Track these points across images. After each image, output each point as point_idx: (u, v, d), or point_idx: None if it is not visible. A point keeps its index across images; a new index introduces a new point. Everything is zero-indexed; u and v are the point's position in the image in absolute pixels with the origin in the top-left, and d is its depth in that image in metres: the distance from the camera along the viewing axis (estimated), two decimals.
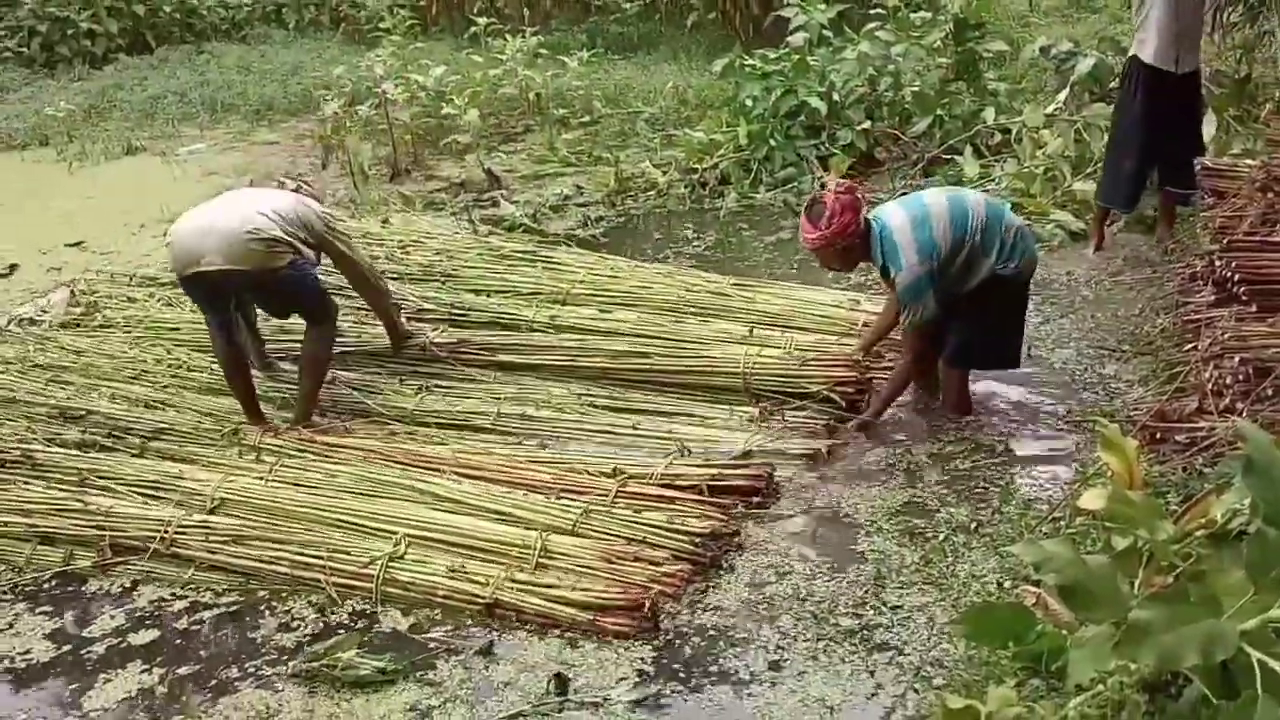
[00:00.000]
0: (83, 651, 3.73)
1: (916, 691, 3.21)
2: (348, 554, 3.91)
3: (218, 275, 4.55)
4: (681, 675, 3.38)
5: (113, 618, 3.90)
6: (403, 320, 5.44)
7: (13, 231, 8.51)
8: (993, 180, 7.11)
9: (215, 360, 4.96)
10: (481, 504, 4.11)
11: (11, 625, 3.88)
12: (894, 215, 4.41)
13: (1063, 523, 3.78)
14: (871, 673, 3.31)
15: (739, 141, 8.07)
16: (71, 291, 6.64)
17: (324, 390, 5.03)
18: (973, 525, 3.95)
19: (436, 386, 5.17)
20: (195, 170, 9.87)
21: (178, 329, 5.82)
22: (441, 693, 3.35)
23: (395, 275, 5.92)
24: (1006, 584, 3.59)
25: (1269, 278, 3.16)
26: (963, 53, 7.97)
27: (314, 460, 4.50)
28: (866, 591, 3.67)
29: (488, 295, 5.87)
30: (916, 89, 8.02)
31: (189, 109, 12.32)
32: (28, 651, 3.74)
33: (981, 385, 4.89)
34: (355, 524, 4.05)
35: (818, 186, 6.84)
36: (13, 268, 7.65)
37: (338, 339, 5.13)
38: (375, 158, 9.23)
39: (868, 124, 7.92)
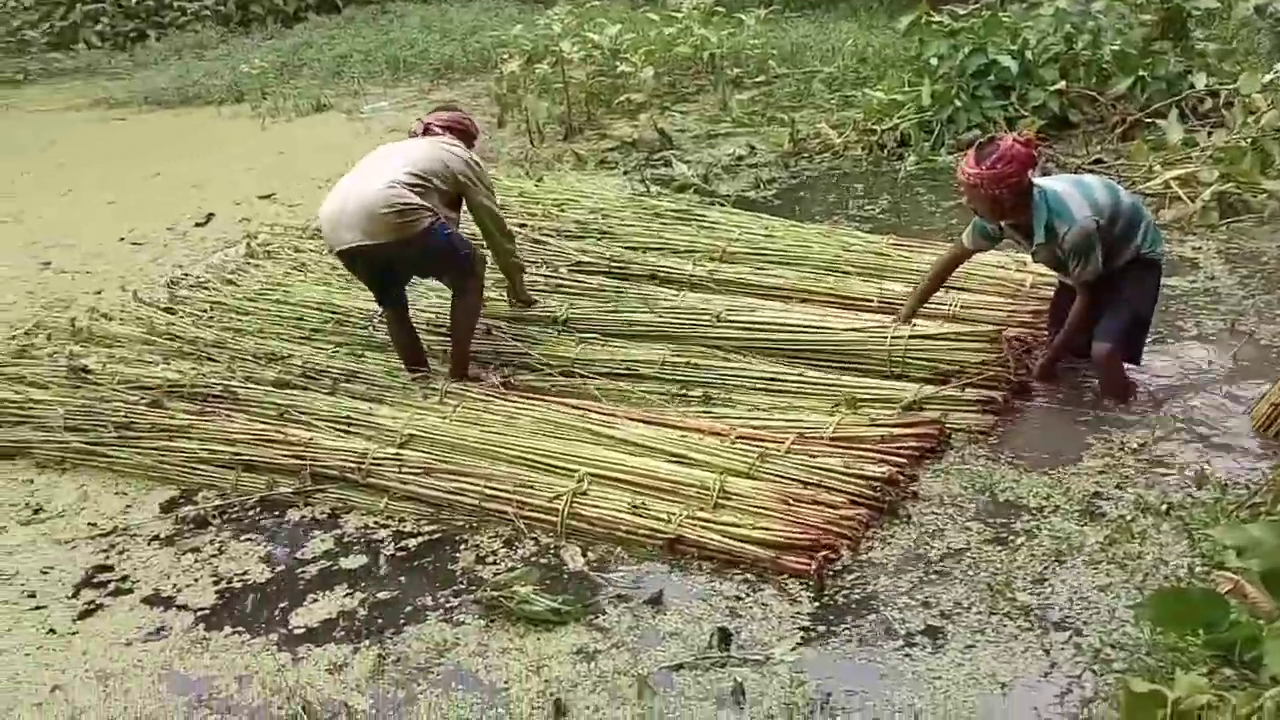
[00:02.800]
0: (297, 572, 3.95)
1: (1095, 673, 3.09)
2: (532, 488, 4.03)
3: (357, 250, 4.67)
4: (845, 634, 3.36)
5: (322, 542, 4.11)
6: (524, 283, 5.46)
7: (211, 183, 9.00)
8: (1197, 148, 6.73)
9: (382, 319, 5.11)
10: (659, 446, 4.18)
11: (222, 550, 4.12)
12: (1055, 182, 4.48)
13: (1263, 508, 3.58)
14: (1046, 651, 3.20)
15: (921, 102, 7.88)
16: (249, 244, 6.99)
17: (486, 342, 5.17)
18: (1163, 507, 3.76)
19: (596, 336, 5.20)
20: (378, 127, 10.22)
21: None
22: (608, 638, 3.42)
23: (551, 232, 6.01)
24: (1198, 569, 3.43)
25: None
26: (1169, 9, 7.54)
27: (495, 404, 4.63)
28: (1045, 568, 3.55)
29: (643, 252, 5.92)
30: (1117, 48, 7.65)
31: (373, 67, 12.77)
32: (245, 573, 3.97)
33: (1169, 363, 4.68)
34: (538, 461, 4.16)
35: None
36: (209, 217, 8.10)
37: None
38: (550, 116, 9.37)
39: (1062, 84, 7.61)
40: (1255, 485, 3.76)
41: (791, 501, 3.80)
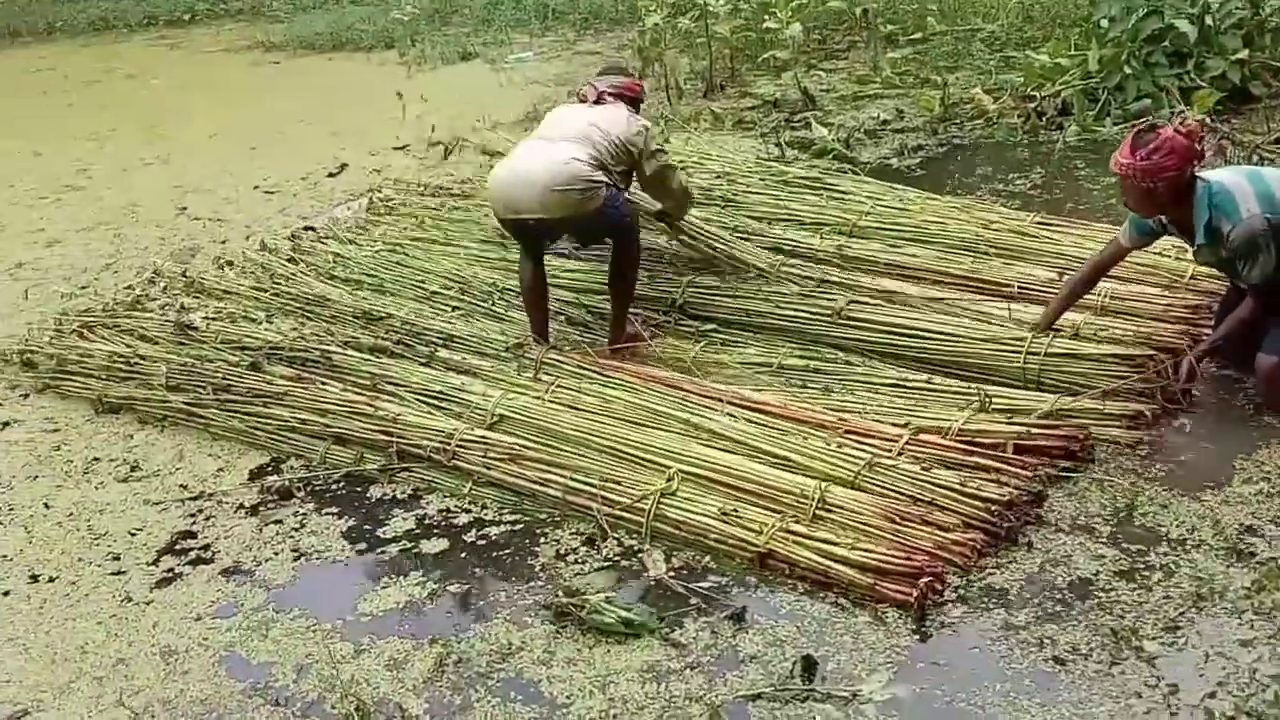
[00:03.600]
0: (375, 553, 3.87)
1: None
2: (619, 484, 3.84)
3: (535, 223, 4.64)
4: (944, 674, 3.05)
5: (404, 522, 4.02)
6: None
7: (350, 132, 9.05)
8: None
9: (519, 283, 4.99)
10: (758, 444, 3.92)
11: (304, 524, 4.07)
12: (1224, 175, 4.12)
13: None
14: (1173, 714, 2.84)
15: (1088, 67, 7.28)
16: (371, 200, 6.93)
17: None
18: None
19: (716, 334, 4.97)
20: (519, 78, 10.10)
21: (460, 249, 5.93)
22: (683, 656, 3.19)
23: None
24: None
25: None
26: None
27: (591, 384, 4.44)
28: (1180, 614, 3.16)
29: (768, 223, 5.66)
30: None
31: (523, 15, 12.65)
32: (326, 549, 3.91)
33: None
34: (629, 453, 3.97)
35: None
36: (343, 167, 8.14)
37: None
38: (691, 72, 9.08)
39: (1245, 53, 6.91)
40: None
41: (898, 520, 3.49)
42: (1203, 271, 4.73)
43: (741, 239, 5.47)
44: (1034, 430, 3.85)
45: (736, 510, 3.63)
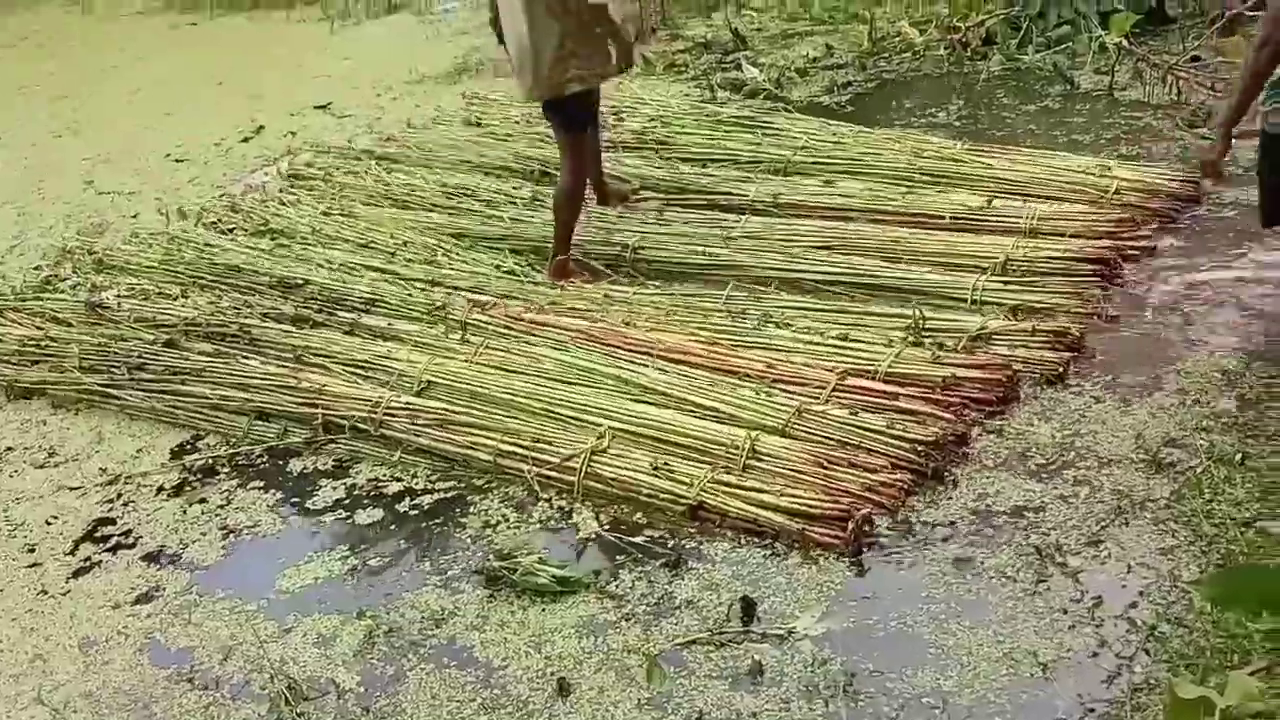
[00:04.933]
0: (302, 528, 3.81)
1: (1148, 654, 2.78)
2: (550, 444, 3.80)
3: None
4: (874, 603, 3.09)
5: (333, 491, 3.96)
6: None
7: (269, 93, 8.81)
8: None
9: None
10: (688, 396, 3.90)
11: (229, 501, 4.00)
12: None
13: None
14: (1097, 626, 2.90)
15: None
16: (288, 164, 6.77)
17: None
18: (1238, 456, 3.39)
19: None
20: (447, 30, 9.89)
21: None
22: (619, 608, 3.20)
23: (608, 145, 5.74)
24: (1274, 530, 3.06)
25: None
26: None
27: (518, 342, 4.40)
28: (1103, 528, 3.22)
29: (704, 165, 5.66)
30: None
31: None
32: (254, 525, 3.85)
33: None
34: (559, 413, 3.94)
35: (1096, 47, 6.16)
36: (259, 130, 7.90)
37: None
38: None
39: None
40: None
41: (827, 464, 3.49)
42: (1124, 186, 4.90)
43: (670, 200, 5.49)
44: (959, 373, 3.84)
45: (668, 464, 3.61)
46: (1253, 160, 4.25)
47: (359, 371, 4.36)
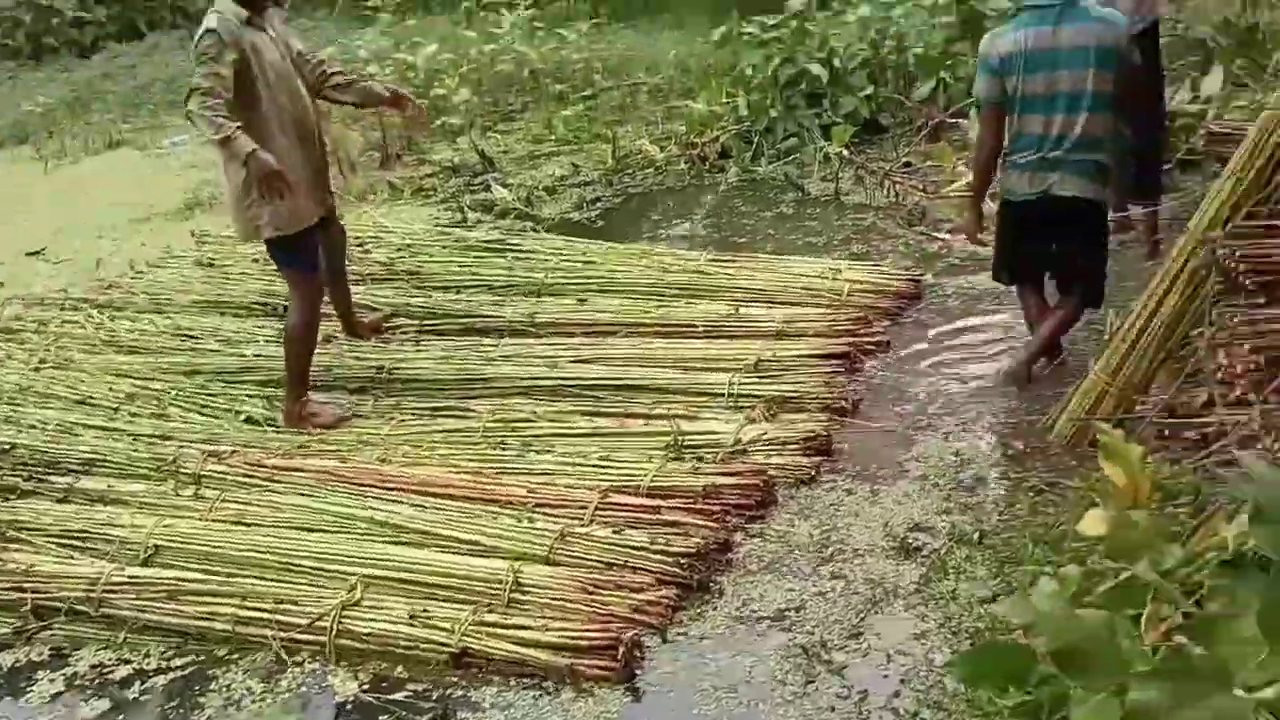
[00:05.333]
0: None
1: None
2: (297, 603, 3.58)
3: None
4: None
5: (51, 684, 3.59)
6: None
7: None
8: None
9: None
10: (447, 532, 3.82)
11: None
12: None
13: (1068, 529, 3.47)
14: (864, 718, 3.02)
15: (739, 113, 7.75)
16: None
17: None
18: (976, 535, 3.65)
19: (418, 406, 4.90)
20: (175, 164, 9.63)
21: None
22: None
23: (356, 277, 5.71)
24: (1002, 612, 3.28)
25: (1276, 266, 2.82)
26: (965, 10, 7.56)
27: (260, 491, 4.19)
28: (861, 618, 3.38)
29: (458, 292, 5.72)
30: (919, 52, 7.63)
31: (176, 96, 12.04)
32: None
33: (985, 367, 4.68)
34: (306, 566, 3.72)
35: (821, 157, 6.67)
36: None
37: None
38: (366, 144, 8.96)
39: (870, 90, 7.59)
40: (1063, 505, 3.65)
41: (593, 589, 3.49)
42: (856, 289, 5.27)
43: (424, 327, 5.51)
44: (718, 481, 3.97)
45: (427, 610, 3.49)
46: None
47: (74, 544, 3.99)
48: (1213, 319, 3.45)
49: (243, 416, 4.89)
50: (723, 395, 4.58)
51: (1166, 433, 3.62)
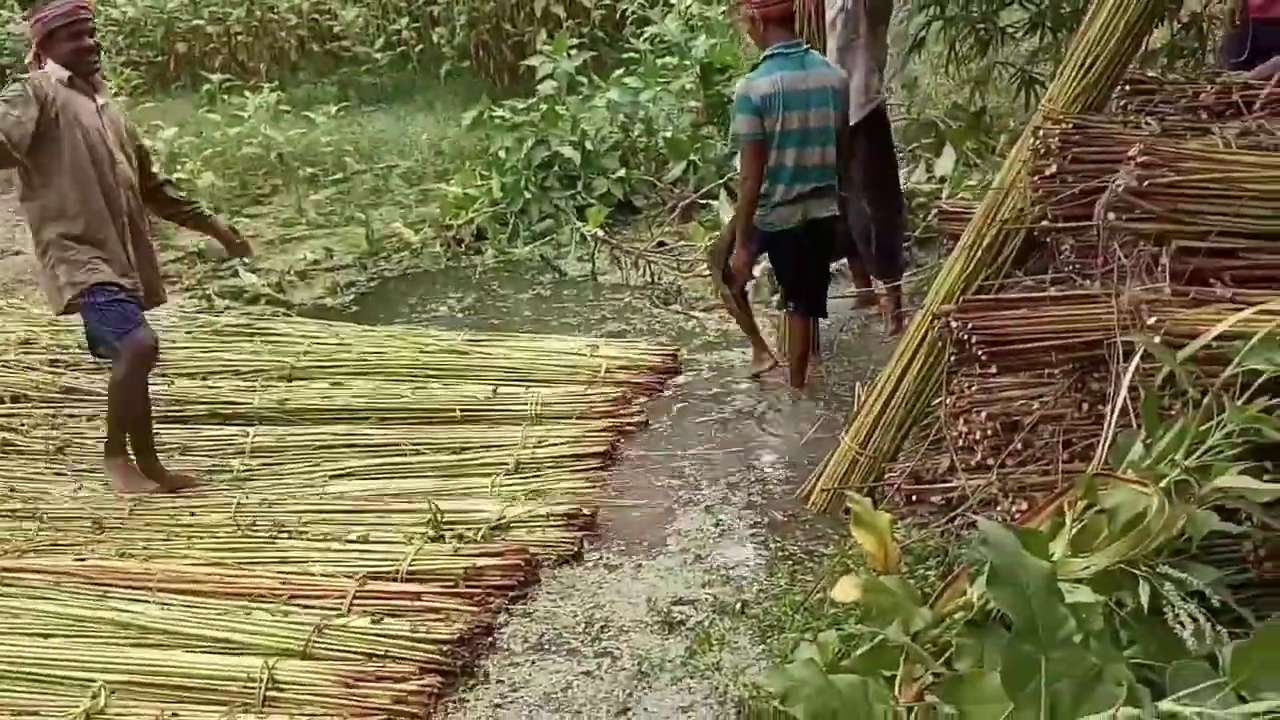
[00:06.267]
0: None
1: None
2: (37, 714, 3.28)
3: None
4: None
5: None
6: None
7: None
8: None
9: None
10: (196, 631, 3.57)
11: None
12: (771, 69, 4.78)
13: (825, 596, 3.55)
14: None
15: (494, 195, 7.77)
16: None
17: None
18: (738, 605, 3.68)
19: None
20: None
21: None
22: None
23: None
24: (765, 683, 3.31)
25: (1004, 337, 3.03)
26: (711, 96, 7.92)
27: None
28: (629, 694, 3.32)
29: (203, 379, 5.43)
30: (669, 135, 7.90)
31: None
32: None
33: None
34: (44, 675, 3.41)
35: (577, 238, 6.79)
36: None
37: None
38: None
39: (623, 172, 7.78)
40: (819, 572, 3.73)
41: (353, 682, 3.31)
42: (614, 366, 5.31)
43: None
44: (479, 564, 3.87)
45: (177, 715, 3.24)
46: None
47: None
48: (951, 388, 3.63)
49: None
50: (485, 492, 4.50)
51: (914, 499, 3.77)
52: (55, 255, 4.33)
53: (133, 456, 4.58)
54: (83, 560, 4.01)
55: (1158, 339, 2.64)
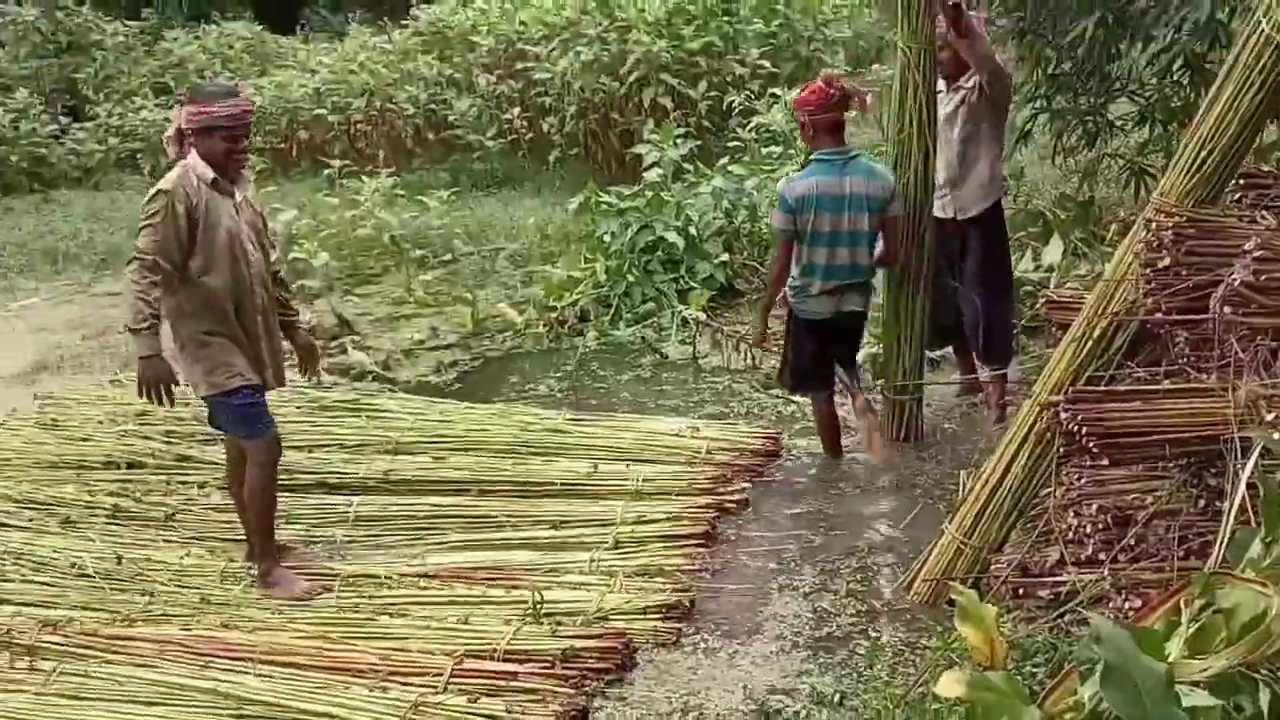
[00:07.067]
0: None
1: None
2: None
3: None
4: None
5: None
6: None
7: None
8: None
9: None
10: (294, 704, 3.62)
11: None
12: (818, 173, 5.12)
13: (927, 690, 3.46)
14: None
15: (597, 278, 7.88)
16: None
17: None
18: (835, 697, 3.61)
19: None
20: (22, 326, 9.26)
21: None
22: None
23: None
24: None
25: (1116, 430, 2.97)
26: None
27: (97, 663, 3.93)
28: None
29: (309, 451, 5.55)
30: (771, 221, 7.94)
31: (27, 259, 11.74)
32: None
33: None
34: None
35: (679, 321, 6.89)
36: None
37: None
38: None
39: (726, 256, 7.82)
40: (922, 665, 3.65)
41: None
42: (715, 447, 5.31)
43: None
44: (577, 646, 3.87)
45: None
46: None
47: None
48: (1060, 480, 3.56)
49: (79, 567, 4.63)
50: (583, 568, 4.50)
51: (1021, 592, 3.68)
52: (192, 352, 4.33)
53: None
54: (188, 630, 4.12)
55: (1277, 435, 2.56)
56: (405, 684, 3.70)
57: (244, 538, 4.69)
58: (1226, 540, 2.54)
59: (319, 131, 13.43)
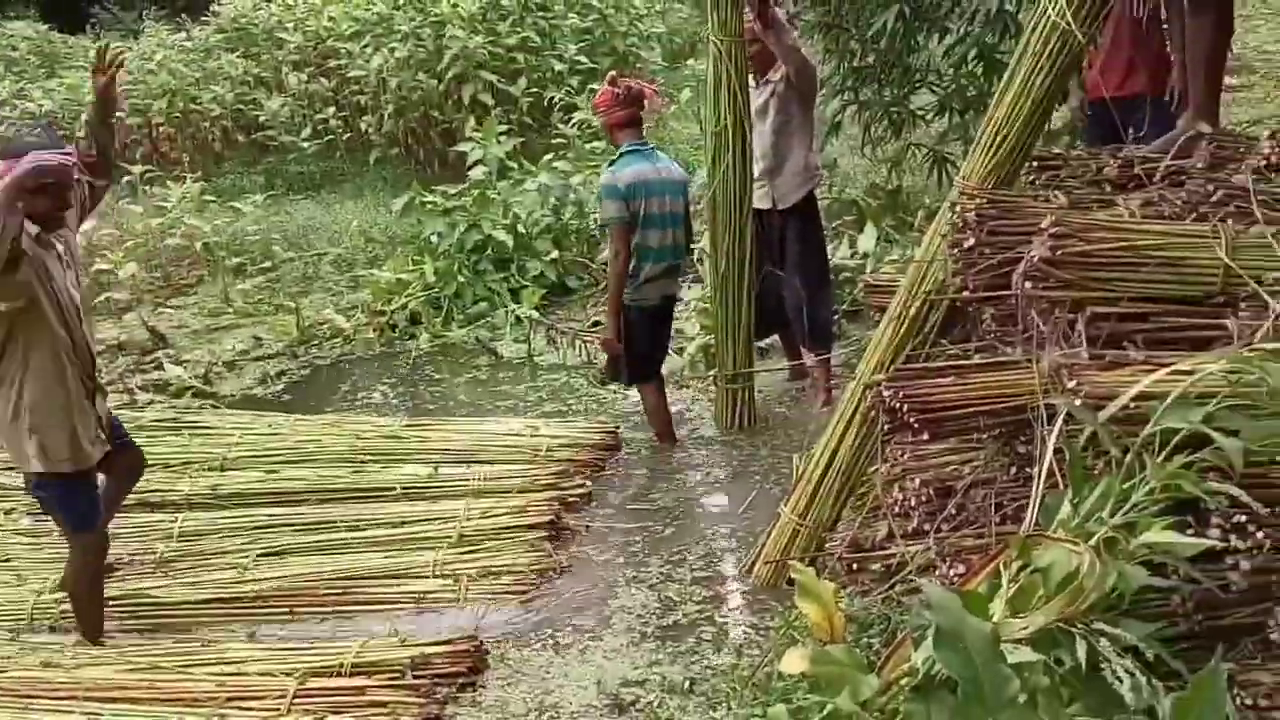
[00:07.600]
0: None
1: None
2: None
3: None
4: None
5: None
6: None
7: None
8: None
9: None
10: None
11: None
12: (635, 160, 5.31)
13: (773, 669, 3.57)
14: None
15: (426, 279, 7.78)
16: None
17: None
18: (686, 684, 3.68)
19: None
20: None
21: None
22: None
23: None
24: None
25: (934, 405, 3.11)
26: None
27: None
28: None
29: None
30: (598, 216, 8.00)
31: None
32: None
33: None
34: None
35: (512, 320, 6.86)
36: None
37: None
38: None
39: (556, 253, 7.84)
40: (766, 646, 3.75)
41: None
42: (554, 444, 5.36)
43: None
44: (427, 653, 3.83)
45: None
46: None
47: None
48: (885, 456, 3.70)
49: None
50: (426, 574, 4.47)
51: (855, 567, 3.81)
52: (28, 421, 3.94)
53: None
54: (3, 672, 3.90)
55: (1078, 401, 2.73)
56: (246, 710, 3.60)
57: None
58: (1038, 504, 2.69)
59: (118, 136, 12.78)
